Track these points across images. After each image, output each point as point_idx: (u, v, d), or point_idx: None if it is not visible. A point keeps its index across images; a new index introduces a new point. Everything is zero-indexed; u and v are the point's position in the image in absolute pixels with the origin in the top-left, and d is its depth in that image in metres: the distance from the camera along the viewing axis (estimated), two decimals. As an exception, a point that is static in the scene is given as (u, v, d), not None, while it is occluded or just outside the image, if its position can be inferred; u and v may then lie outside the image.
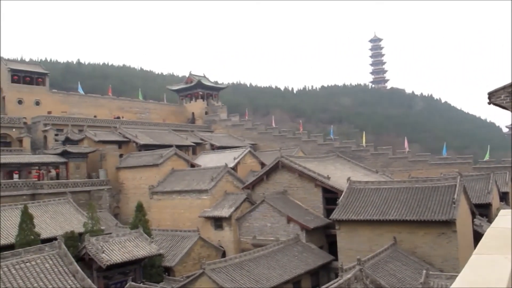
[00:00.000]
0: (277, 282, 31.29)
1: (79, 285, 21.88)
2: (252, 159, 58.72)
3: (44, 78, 73.96)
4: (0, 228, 36.65)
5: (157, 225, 47.12)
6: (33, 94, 71.38)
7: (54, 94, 75.33)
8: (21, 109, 68.12)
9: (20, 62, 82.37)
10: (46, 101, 71.97)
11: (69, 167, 54.23)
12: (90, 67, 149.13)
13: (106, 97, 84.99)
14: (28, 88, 71.15)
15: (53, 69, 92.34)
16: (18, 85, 70.08)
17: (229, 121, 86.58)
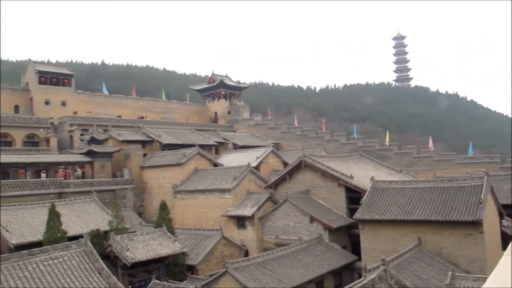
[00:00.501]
0: (299, 281, 31.23)
1: (105, 282, 22.20)
2: (274, 158, 58.69)
3: (70, 79, 75.24)
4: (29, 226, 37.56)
5: (181, 224, 47.51)
6: (60, 95, 72.69)
7: (80, 94, 76.60)
8: (48, 110, 69.44)
9: (47, 64, 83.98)
10: (72, 101, 73.22)
11: (94, 166, 55.05)
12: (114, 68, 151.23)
13: (130, 97, 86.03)
14: (55, 89, 72.50)
15: (78, 71, 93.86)
16: (45, 87, 71.51)
17: (252, 120, 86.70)
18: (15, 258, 21.64)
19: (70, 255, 23.24)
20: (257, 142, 74.21)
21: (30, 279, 20.63)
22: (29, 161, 49.92)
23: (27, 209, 41.11)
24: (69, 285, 21.25)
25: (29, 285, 20.24)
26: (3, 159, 47.88)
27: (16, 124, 58.23)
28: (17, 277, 20.44)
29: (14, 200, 43.67)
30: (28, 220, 39.42)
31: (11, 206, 40.99)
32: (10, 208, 40.50)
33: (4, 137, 57.16)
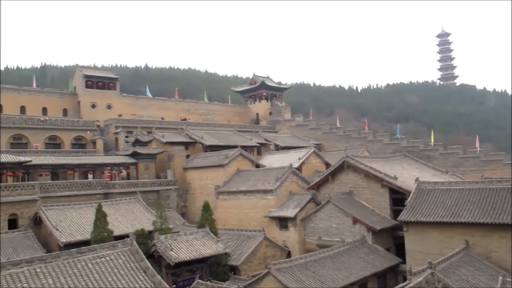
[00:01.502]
0: (342, 283, 30.87)
1: (150, 281, 22.60)
2: (316, 159, 58.33)
3: (115, 82, 77.25)
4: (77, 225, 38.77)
5: (223, 224, 47.86)
6: (105, 98, 74.76)
7: (124, 97, 78.53)
8: (94, 113, 71.56)
9: (93, 69, 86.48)
10: (117, 104, 75.16)
11: (138, 168, 56.20)
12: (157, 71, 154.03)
13: (172, 99, 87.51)
14: (101, 93, 74.64)
15: (122, 74, 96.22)
16: (91, 90, 73.71)
17: (293, 121, 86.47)
18: (65, 256, 22.36)
19: (116, 254, 23.79)
20: (299, 143, 73.94)
21: (79, 276, 21.26)
22: (77, 162, 51.53)
23: (75, 209, 42.48)
24: (115, 283, 21.76)
25: (78, 282, 20.87)
26: (54, 161, 49.62)
27: (65, 127, 60.33)
28: (67, 274, 21.11)
29: (63, 200, 45.25)
30: (76, 220, 40.70)
31: (61, 205, 42.55)
32: (60, 208, 42.02)
33: (53, 139, 59.28)
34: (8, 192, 42.07)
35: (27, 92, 71.43)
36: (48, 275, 20.75)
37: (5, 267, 20.32)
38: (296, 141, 75.34)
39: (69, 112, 73.02)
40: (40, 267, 21.01)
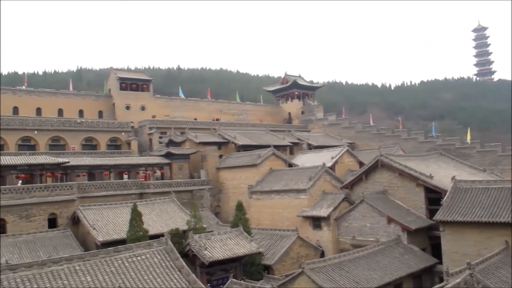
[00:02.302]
0: (377, 284, 30.52)
1: (185, 279, 22.86)
2: (350, 158, 57.80)
3: (148, 84, 78.43)
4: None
5: (256, 224, 47.95)
6: (139, 100, 75.98)
7: (157, 99, 79.62)
8: (128, 114, 72.82)
9: (127, 71, 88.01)
10: (151, 106, 76.29)
11: (172, 168, 56.88)
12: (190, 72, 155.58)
13: (205, 100, 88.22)
14: (134, 95, 75.90)
15: (155, 76, 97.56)
16: (125, 92, 75.06)
17: (326, 120, 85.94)
18: (103, 254, 22.89)
19: (152, 253, 24.18)
20: (332, 142, 73.45)
21: (116, 274, 21.71)
22: (113, 163, 52.56)
23: (112, 209, 43.37)
24: (151, 281, 22.12)
25: (115, 280, 21.30)
26: (90, 162, 50.77)
27: (100, 128, 61.66)
28: (104, 272, 21.60)
29: (99, 200, 46.26)
30: (112, 219, 41.54)
31: (97, 205, 43.54)
32: (97, 207, 43.01)
33: (89, 141, 60.64)
34: (47, 192, 43.29)
35: (64, 95, 73.25)
36: (86, 272, 21.28)
37: (46, 265, 20.94)
38: (329, 140, 74.85)
39: (105, 114, 74.56)
40: (79, 265, 21.56)
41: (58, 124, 58.57)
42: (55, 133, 57.84)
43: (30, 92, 70.57)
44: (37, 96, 70.07)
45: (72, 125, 59.49)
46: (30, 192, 42.38)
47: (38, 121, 57.69)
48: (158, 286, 21.90)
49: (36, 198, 42.47)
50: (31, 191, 42.48)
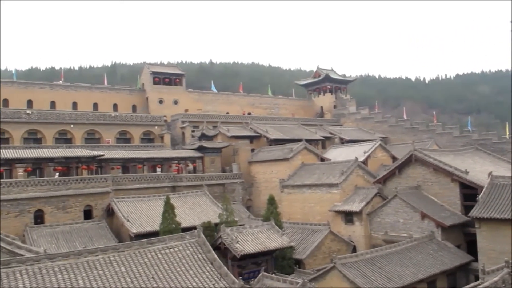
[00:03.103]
0: (410, 280, 30.14)
1: (217, 272, 23.07)
2: (383, 152, 57.06)
3: (181, 78, 79.15)
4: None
5: (288, 218, 47.93)
6: (172, 94, 76.78)
7: (190, 93, 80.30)
8: (161, 108, 73.69)
9: (160, 65, 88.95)
10: (183, 100, 77.01)
11: (204, 161, 57.32)
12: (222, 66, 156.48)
13: (237, 94, 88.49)
14: (167, 89, 76.73)
15: (188, 70, 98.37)
16: (159, 86, 75.96)
17: (358, 114, 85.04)
18: (136, 245, 23.32)
19: (184, 245, 24.47)
20: (364, 136, 72.64)
21: (149, 265, 22.09)
22: (146, 156, 53.34)
23: (145, 201, 44.07)
24: (183, 273, 22.39)
25: (149, 271, 21.67)
26: (124, 155, 51.65)
27: (134, 122, 62.59)
28: (138, 263, 22.00)
29: (133, 192, 47.11)
30: (145, 211, 42.22)
31: (131, 198, 44.35)
32: (130, 200, 43.80)
33: (123, 134, 61.69)
34: (83, 184, 44.33)
35: (99, 90, 74.68)
36: (121, 263, 21.71)
37: (83, 255, 21.47)
38: (361, 135, 74.08)
39: (138, 108, 75.66)
40: (114, 256, 22.03)
41: (93, 118, 59.79)
42: (90, 126, 59.05)
43: (66, 87, 72.28)
44: (73, 91, 71.68)
45: (106, 119, 60.60)
46: (66, 184, 43.51)
47: (74, 115, 59.00)
48: (190, 278, 22.16)
49: (73, 190, 43.57)
50: (67, 183, 43.61)
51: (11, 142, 52.54)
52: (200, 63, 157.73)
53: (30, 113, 55.29)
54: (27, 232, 38.39)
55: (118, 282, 20.52)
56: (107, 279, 20.56)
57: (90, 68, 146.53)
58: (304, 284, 26.17)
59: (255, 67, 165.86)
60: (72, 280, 19.93)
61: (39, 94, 67.70)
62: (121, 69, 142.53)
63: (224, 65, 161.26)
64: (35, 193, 41.69)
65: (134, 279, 20.99)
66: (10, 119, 53.14)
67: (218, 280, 22.51)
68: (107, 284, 20.28)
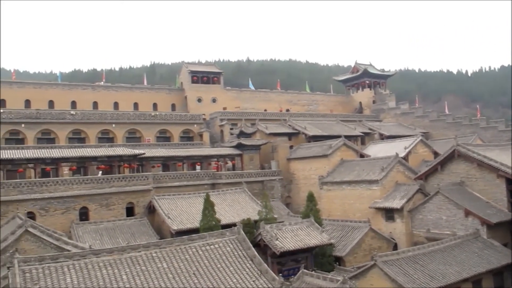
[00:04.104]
0: (454, 279, 29.49)
1: (257, 269, 23.20)
2: (424, 148, 55.89)
3: (218, 77, 79.80)
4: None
5: (327, 215, 47.65)
6: (210, 92, 77.54)
7: (228, 91, 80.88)
8: (200, 107, 74.55)
9: (198, 64, 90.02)
10: (221, 98, 77.63)
11: (243, 159, 57.60)
12: (259, 64, 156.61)
13: (275, 91, 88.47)
14: (206, 87, 77.53)
15: (226, 68, 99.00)
16: (197, 85, 76.85)
17: (398, 109, 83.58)
18: (178, 242, 23.72)
19: (224, 242, 24.73)
20: (405, 131, 71.32)
21: (190, 262, 22.44)
22: (186, 154, 54.03)
23: (185, 199, 44.73)
24: (224, 269, 22.64)
25: (190, 267, 22.01)
26: (164, 153, 52.50)
27: (174, 121, 63.59)
28: (179, 259, 22.38)
29: (173, 190, 47.85)
30: (186, 209, 42.86)
31: (172, 195, 45.08)
32: (171, 197, 44.57)
33: (163, 133, 62.72)
34: (125, 182, 45.35)
35: (139, 90, 76.21)
36: (162, 259, 22.15)
37: (126, 251, 22.01)
38: (401, 130, 72.81)
39: (177, 106, 76.74)
40: (156, 252, 22.49)
41: (134, 117, 61.07)
42: (131, 126, 60.34)
43: (108, 88, 74.16)
44: (115, 91, 73.41)
45: (147, 118, 61.77)
46: (109, 182, 44.64)
47: (116, 115, 60.40)
48: (230, 274, 22.38)
49: (115, 188, 44.65)
50: (110, 181, 44.73)
51: (57, 142, 54.39)
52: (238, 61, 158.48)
53: (74, 114, 57.00)
54: (73, 229, 39.67)
55: (160, 278, 20.94)
56: (149, 274, 21.01)
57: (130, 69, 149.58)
58: (345, 281, 25.97)
59: (292, 64, 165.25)
60: (116, 275, 20.47)
61: (82, 95, 69.71)
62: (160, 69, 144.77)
63: (261, 62, 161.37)
64: (80, 191, 43.04)
65: (175, 275, 21.37)
66: (55, 120, 55.04)
67: (258, 277, 22.63)
68: (150, 279, 20.73)
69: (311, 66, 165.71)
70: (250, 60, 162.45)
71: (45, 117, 54.68)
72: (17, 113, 53.86)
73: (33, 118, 53.88)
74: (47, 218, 40.86)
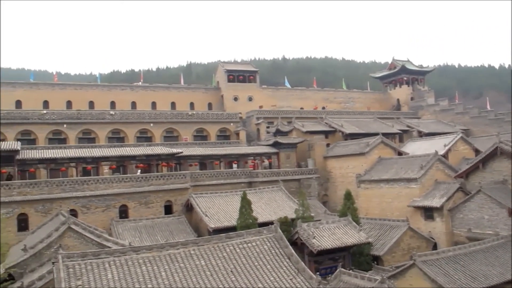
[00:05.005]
0: (497, 281, 28.71)
1: (294, 267, 23.16)
2: (464, 145, 54.56)
3: (254, 75, 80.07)
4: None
5: (365, 213, 47.16)
6: (246, 91, 77.88)
7: (264, 89, 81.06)
8: (236, 105, 74.98)
9: (234, 63, 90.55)
10: (257, 96, 77.88)
11: (280, 157, 57.58)
12: (295, 62, 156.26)
13: (311, 89, 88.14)
14: (242, 86, 77.96)
15: (261, 67, 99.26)
16: (233, 84, 77.37)
17: (437, 106, 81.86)
18: (215, 240, 23.95)
19: (262, 240, 24.79)
20: (444, 128, 69.82)
21: (228, 259, 22.61)
22: (223, 153, 54.43)
23: (222, 197, 45.10)
24: (261, 267, 22.70)
25: (227, 265, 22.20)
26: (202, 152, 53.05)
27: (210, 120, 64.20)
28: (217, 257, 22.59)
29: (210, 188, 48.33)
30: (223, 207, 43.21)
31: (209, 193, 45.54)
32: (208, 196, 45.02)
33: (200, 131, 63.40)
34: (163, 180, 46.05)
35: (176, 89, 77.33)
36: (200, 257, 22.41)
37: (165, 248, 22.40)
38: (441, 127, 71.29)
39: (214, 105, 77.43)
40: (194, 249, 22.77)
41: (171, 116, 61.94)
42: (168, 125, 61.26)
43: (146, 88, 75.62)
44: (152, 91, 74.76)
45: (184, 117, 62.55)
46: (148, 180, 45.42)
47: (154, 114, 61.47)
48: (268, 272, 22.42)
49: (154, 186, 45.41)
50: (149, 179, 45.52)
51: (97, 141, 55.81)
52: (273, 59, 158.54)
53: (113, 114, 58.31)
54: (113, 226, 40.63)
55: (198, 275, 21.19)
56: (187, 271, 21.29)
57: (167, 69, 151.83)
58: (383, 281, 25.62)
59: (328, 61, 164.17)
60: (155, 272, 20.85)
61: (121, 95, 71.30)
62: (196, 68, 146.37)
63: (297, 60, 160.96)
64: (119, 189, 43.97)
65: (213, 272, 21.58)
66: (95, 120, 56.49)
67: (295, 275, 22.60)
68: (188, 276, 21.00)
69: (347, 63, 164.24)
70: (286, 58, 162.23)
71: (86, 117, 56.25)
72: (59, 113, 55.65)
73: (74, 119, 55.53)
74: (88, 215, 41.98)
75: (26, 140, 51.66)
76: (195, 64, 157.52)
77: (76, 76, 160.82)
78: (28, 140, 52.23)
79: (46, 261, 27.80)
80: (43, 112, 54.96)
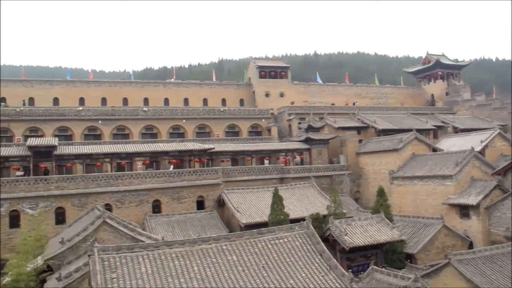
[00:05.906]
0: (536, 282, 27.86)
1: (326, 264, 23.01)
2: (502, 141, 53.12)
3: (286, 71, 79.83)
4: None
5: (398, 210, 46.54)
6: (277, 87, 77.76)
7: (295, 85, 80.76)
8: (268, 101, 74.94)
9: (265, 59, 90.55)
10: (289, 92, 77.67)
11: (311, 153, 57.34)
12: (326, 57, 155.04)
13: (343, 84, 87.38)
14: (273, 82, 77.85)
15: (293, 62, 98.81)
16: (265, 80, 77.34)
17: (474, 101, 79.91)
18: (247, 236, 24.03)
19: (293, 236, 24.72)
20: (481, 124, 68.12)
21: (259, 255, 22.64)
22: (254, 149, 54.60)
23: (254, 193, 45.25)
24: (293, 264, 22.65)
25: (259, 260, 22.25)
26: (233, 148, 53.34)
27: (242, 116, 64.37)
28: (249, 252, 22.66)
29: (242, 184, 48.52)
30: (254, 203, 43.35)
31: (240, 189, 45.78)
32: (240, 191, 45.23)
33: (232, 128, 63.67)
34: (195, 176, 46.51)
35: (208, 86, 77.81)
36: (232, 252, 22.51)
37: (197, 243, 22.63)
38: (477, 123, 69.58)
39: (245, 101, 77.57)
40: (226, 245, 22.90)
41: (203, 113, 62.44)
42: (200, 121, 61.74)
43: (178, 84, 76.40)
44: (184, 88, 75.44)
45: (216, 113, 62.94)
46: (180, 176, 45.97)
47: (186, 110, 62.10)
48: (299, 268, 22.36)
49: (186, 182, 45.92)
50: (181, 175, 46.05)
51: (130, 137, 56.71)
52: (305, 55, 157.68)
53: (147, 110, 59.17)
54: (146, 220, 41.31)
55: (230, 270, 21.31)
56: (219, 266, 21.44)
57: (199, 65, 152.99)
58: (417, 279, 25.26)
59: (360, 56, 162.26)
60: (187, 266, 21.07)
61: (153, 92, 72.22)
62: (228, 65, 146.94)
63: (328, 55, 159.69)
64: (152, 185, 44.65)
65: (245, 267, 21.66)
66: (129, 116, 57.43)
67: (327, 272, 22.46)
68: (220, 271, 21.14)
69: (380, 58, 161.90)
70: (318, 54, 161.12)
71: (120, 114, 57.27)
72: (94, 110, 56.86)
73: (109, 115, 56.61)
74: (122, 210, 42.81)
75: (63, 136, 53.03)
76: (226, 61, 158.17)
77: (111, 73, 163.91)
78: (65, 136, 53.57)
79: (82, 253, 28.46)
80: (79, 109, 56.29)
